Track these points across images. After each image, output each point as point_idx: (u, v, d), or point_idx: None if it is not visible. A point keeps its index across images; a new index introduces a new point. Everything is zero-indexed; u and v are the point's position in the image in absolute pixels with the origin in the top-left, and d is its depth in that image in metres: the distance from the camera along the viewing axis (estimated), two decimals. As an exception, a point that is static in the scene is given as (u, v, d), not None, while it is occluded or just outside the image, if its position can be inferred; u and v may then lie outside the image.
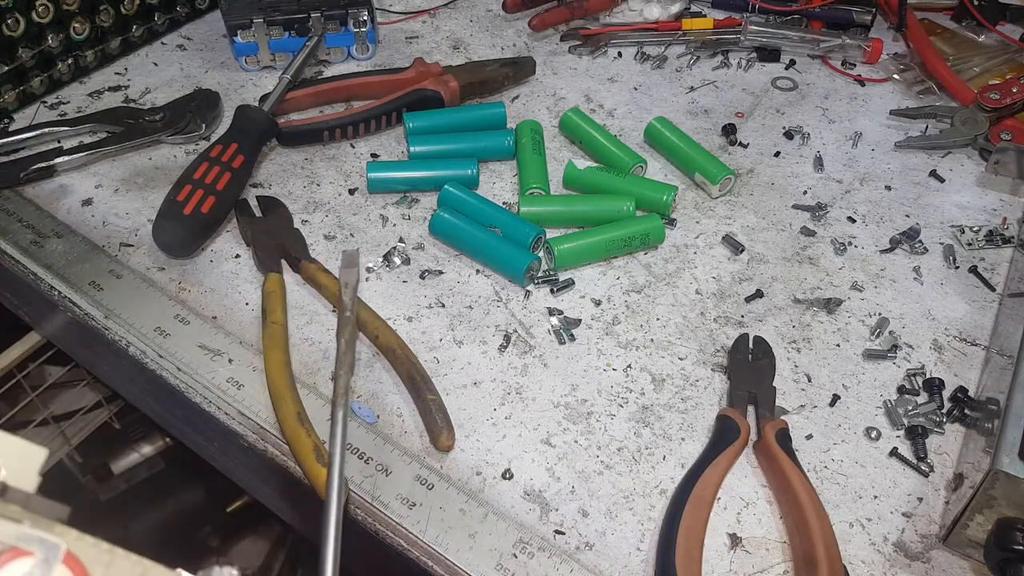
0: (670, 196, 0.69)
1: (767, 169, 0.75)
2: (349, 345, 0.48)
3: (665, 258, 0.67)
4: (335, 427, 0.44)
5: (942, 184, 0.74)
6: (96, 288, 0.61)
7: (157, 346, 0.57)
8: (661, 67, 0.87)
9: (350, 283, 0.51)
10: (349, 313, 0.50)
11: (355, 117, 0.74)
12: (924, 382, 0.58)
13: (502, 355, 0.59)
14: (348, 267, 0.52)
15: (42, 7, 0.72)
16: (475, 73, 0.80)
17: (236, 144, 0.67)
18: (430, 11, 0.94)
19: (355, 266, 0.52)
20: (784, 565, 0.48)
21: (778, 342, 0.60)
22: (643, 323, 0.61)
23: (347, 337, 0.48)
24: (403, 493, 0.50)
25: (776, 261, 0.67)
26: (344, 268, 0.53)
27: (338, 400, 0.45)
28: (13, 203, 0.67)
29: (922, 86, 0.85)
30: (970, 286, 0.65)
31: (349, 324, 0.49)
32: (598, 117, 0.80)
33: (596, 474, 0.52)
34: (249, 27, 0.79)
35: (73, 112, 0.76)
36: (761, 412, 0.54)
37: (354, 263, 0.52)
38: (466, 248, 0.65)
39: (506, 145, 0.73)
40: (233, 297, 0.61)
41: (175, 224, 0.62)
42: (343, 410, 0.44)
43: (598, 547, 0.49)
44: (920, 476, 0.53)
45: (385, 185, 0.70)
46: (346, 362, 0.47)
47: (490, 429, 0.54)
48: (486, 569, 0.47)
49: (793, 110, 0.83)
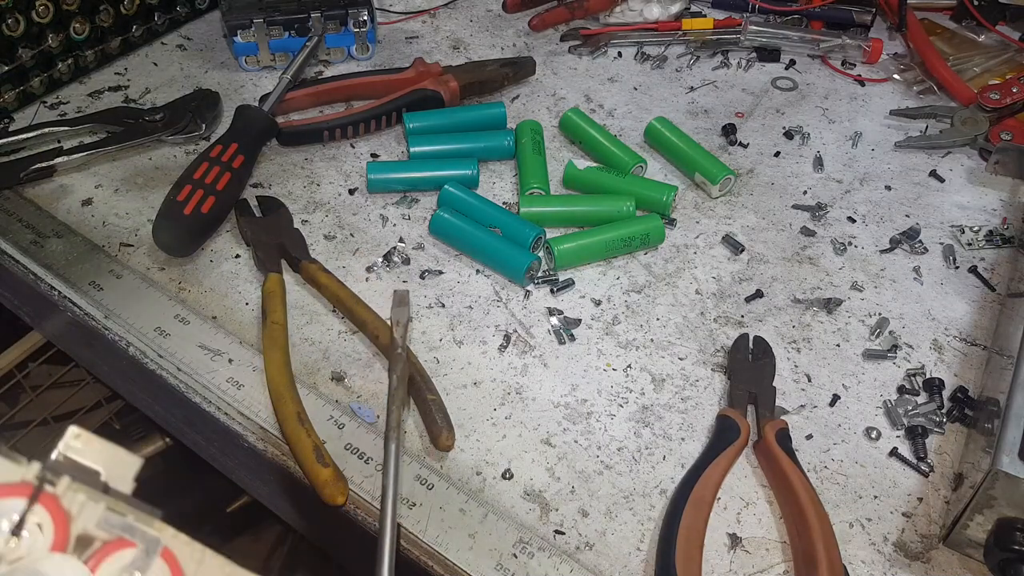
0: (670, 196, 0.69)
1: (767, 169, 0.75)
2: (401, 381, 0.51)
3: (665, 258, 0.67)
4: (388, 460, 0.47)
5: (942, 184, 0.74)
6: (96, 288, 0.61)
7: (157, 346, 0.57)
8: (661, 67, 0.87)
9: (401, 321, 0.54)
10: (400, 350, 0.52)
11: (355, 117, 0.74)
12: (924, 382, 0.58)
13: (502, 355, 0.59)
14: (399, 306, 0.55)
15: (42, 7, 0.72)
16: (475, 73, 0.80)
17: (236, 144, 0.67)
18: (430, 11, 0.94)
19: (406, 305, 0.55)
20: (784, 565, 0.48)
21: (778, 342, 0.60)
22: (643, 323, 0.61)
23: (399, 373, 0.51)
24: (403, 493, 0.50)
25: (776, 261, 0.67)
26: (395, 307, 0.55)
27: (391, 434, 0.48)
28: (13, 203, 0.67)
29: (922, 86, 0.85)
30: (970, 286, 0.65)
31: (401, 361, 0.52)
32: (598, 117, 0.80)
33: (596, 474, 0.52)
34: (249, 27, 0.79)
35: (73, 112, 0.76)
36: (761, 412, 0.54)
37: (405, 302, 0.55)
38: (466, 248, 0.65)
39: (506, 145, 0.73)
40: (233, 297, 0.61)
41: (175, 224, 0.62)
42: (396, 443, 0.47)
43: (598, 547, 0.49)
44: (920, 476, 0.53)
45: (385, 185, 0.70)
46: (398, 397, 0.50)
47: (490, 429, 0.54)
48: (486, 569, 0.47)
49: (793, 110, 0.83)
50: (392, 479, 0.46)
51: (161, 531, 0.25)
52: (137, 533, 0.24)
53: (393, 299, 0.55)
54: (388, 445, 0.47)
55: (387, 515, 0.44)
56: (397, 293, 0.55)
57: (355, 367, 0.57)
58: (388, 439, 0.47)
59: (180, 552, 0.25)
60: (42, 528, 0.23)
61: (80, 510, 0.24)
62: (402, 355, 0.52)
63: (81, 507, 0.24)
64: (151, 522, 0.25)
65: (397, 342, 0.52)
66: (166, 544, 0.24)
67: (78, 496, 0.24)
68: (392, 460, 0.46)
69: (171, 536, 0.25)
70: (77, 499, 0.24)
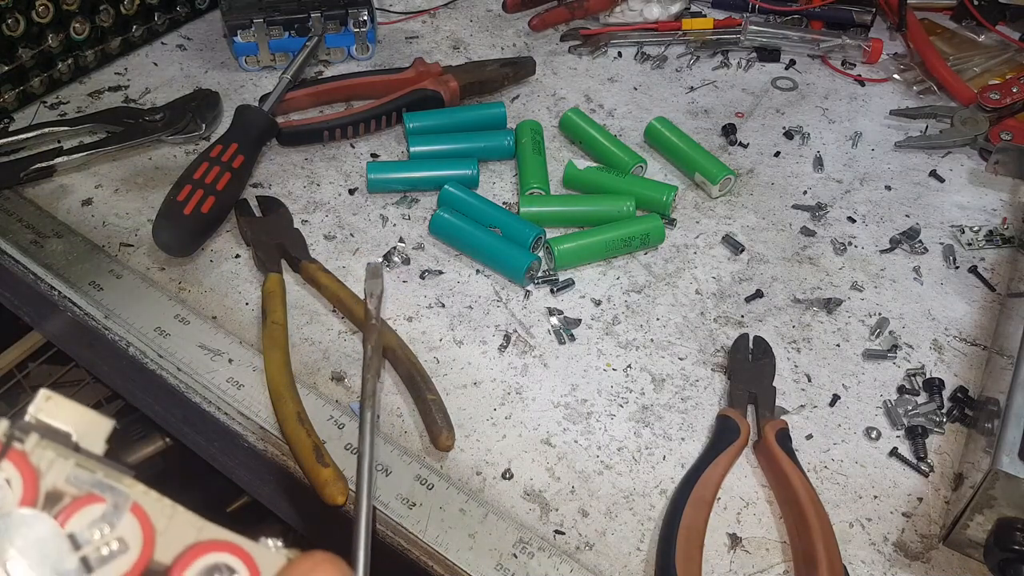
0: (670, 196, 0.69)
1: (767, 169, 0.75)
2: (376, 351, 0.51)
3: (665, 258, 0.67)
4: (363, 426, 0.46)
5: (942, 184, 0.74)
6: (96, 288, 0.61)
7: (157, 346, 0.57)
8: (661, 67, 0.87)
9: (375, 293, 0.54)
10: (375, 321, 0.52)
11: (355, 117, 0.74)
12: (924, 382, 0.58)
13: (502, 355, 0.59)
14: (372, 278, 0.55)
15: (42, 7, 0.72)
16: (475, 73, 0.80)
17: (236, 144, 0.67)
18: (430, 11, 0.94)
19: (379, 277, 0.55)
20: (784, 565, 0.48)
21: (778, 342, 0.60)
22: (643, 323, 0.61)
23: (373, 344, 0.51)
24: (403, 493, 0.50)
25: (776, 261, 0.67)
26: (369, 279, 0.55)
27: (366, 402, 0.48)
28: (13, 203, 0.67)
29: (922, 86, 0.85)
30: (970, 286, 0.65)
31: (375, 332, 0.52)
32: (598, 117, 0.80)
33: (596, 474, 0.52)
34: (249, 27, 0.79)
35: (73, 112, 0.76)
36: (761, 412, 0.54)
37: (378, 274, 0.55)
38: (466, 248, 0.65)
39: (506, 145, 0.73)
40: (233, 297, 0.61)
41: (175, 224, 0.62)
42: (372, 411, 0.47)
43: (598, 547, 0.49)
44: (920, 476, 0.53)
45: (385, 185, 0.70)
46: (373, 366, 0.50)
47: (490, 429, 0.54)
48: (486, 569, 0.47)
49: (793, 110, 0.83)
50: (368, 447, 0.46)
51: (131, 487, 0.25)
52: (107, 489, 0.24)
53: (366, 271, 0.55)
54: (363, 413, 0.47)
55: (363, 486, 0.44)
56: (370, 265, 0.55)
57: (355, 367, 0.57)
58: (363, 407, 0.48)
59: (150, 507, 0.25)
60: (11, 483, 0.23)
61: (49, 467, 0.24)
62: (376, 326, 0.52)
63: (50, 464, 0.24)
64: (120, 479, 0.25)
65: (371, 313, 0.53)
66: (136, 500, 0.24)
67: (47, 453, 0.24)
68: (368, 428, 0.46)
69: (141, 492, 0.25)
70: (46, 456, 0.24)
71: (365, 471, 0.44)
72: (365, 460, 0.45)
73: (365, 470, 0.44)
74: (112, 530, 0.24)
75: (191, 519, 0.25)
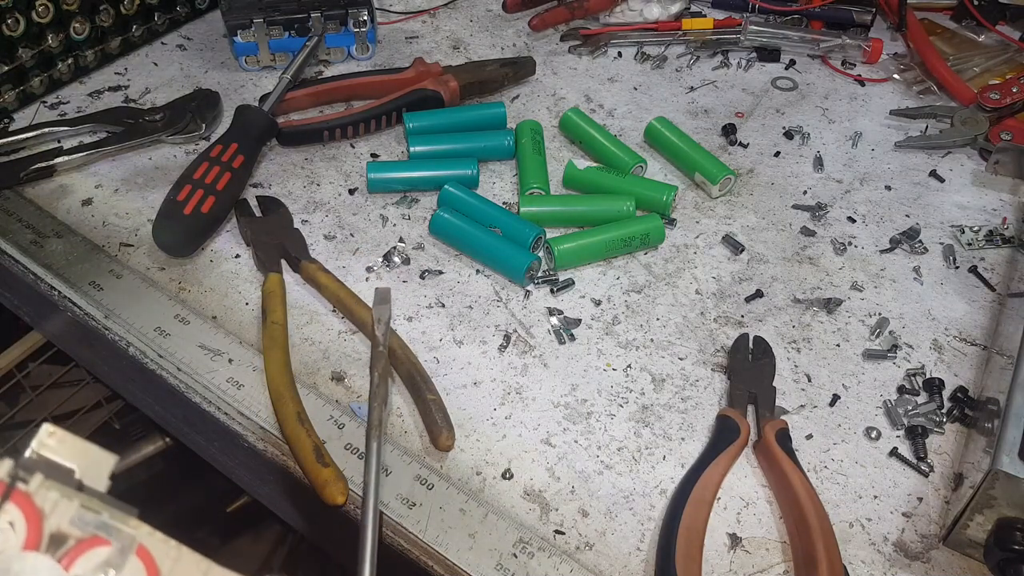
0: (670, 196, 0.69)
1: (767, 169, 0.75)
2: (383, 379, 0.51)
3: (665, 258, 0.67)
4: (369, 457, 0.46)
5: (942, 184, 0.74)
6: (96, 288, 0.61)
7: (157, 346, 0.57)
8: (661, 67, 0.87)
9: (383, 318, 0.54)
10: (382, 348, 0.52)
11: (355, 117, 0.74)
12: (924, 382, 0.58)
13: (502, 355, 0.59)
14: (381, 303, 0.55)
15: (42, 7, 0.72)
16: (475, 73, 0.80)
17: (236, 144, 0.67)
18: (430, 11, 0.94)
19: (388, 302, 0.55)
20: (784, 565, 0.48)
21: (778, 342, 0.60)
22: (643, 323, 0.61)
23: (380, 371, 0.51)
24: (403, 493, 0.50)
25: (776, 261, 0.67)
26: (377, 304, 0.55)
27: (372, 432, 0.48)
28: (13, 203, 0.67)
29: (922, 86, 0.85)
30: (970, 286, 0.65)
31: (382, 359, 0.51)
32: (598, 117, 0.80)
33: (596, 474, 0.52)
34: (249, 27, 0.79)
35: (73, 112, 0.76)
36: (761, 412, 0.54)
37: (387, 299, 0.55)
38: (466, 248, 0.65)
39: (506, 145, 0.73)
40: (233, 297, 0.61)
41: (175, 224, 0.62)
42: (377, 442, 0.47)
43: (598, 547, 0.49)
44: (920, 476, 0.53)
45: (385, 185, 0.70)
46: (380, 395, 0.50)
47: (490, 429, 0.54)
48: (486, 569, 0.47)
49: (793, 110, 0.83)
50: (374, 476, 0.46)
51: (136, 529, 0.24)
52: (112, 531, 0.24)
53: (375, 297, 0.55)
54: (370, 443, 0.47)
55: (368, 512, 0.44)
56: (379, 291, 0.55)
57: (355, 367, 0.57)
58: (370, 437, 0.47)
59: (156, 550, 0.24)
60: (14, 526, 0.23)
61: (53, 508, 0.24)
62: (383, 353, 0.51)
63: (54, 505, 0.24)
64: (126, 520, 0.24)
65: (379, 340, 0.52)
66: (141, 542, 0.24)
67: (51, 494, 0.24)
68: (374, 458, 0.46)
69: (147, 534, 0.24)
70: (50, 497, 0.24)
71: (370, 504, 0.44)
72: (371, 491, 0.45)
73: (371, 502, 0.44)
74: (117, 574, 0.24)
75: (196, 560, 0.25)
